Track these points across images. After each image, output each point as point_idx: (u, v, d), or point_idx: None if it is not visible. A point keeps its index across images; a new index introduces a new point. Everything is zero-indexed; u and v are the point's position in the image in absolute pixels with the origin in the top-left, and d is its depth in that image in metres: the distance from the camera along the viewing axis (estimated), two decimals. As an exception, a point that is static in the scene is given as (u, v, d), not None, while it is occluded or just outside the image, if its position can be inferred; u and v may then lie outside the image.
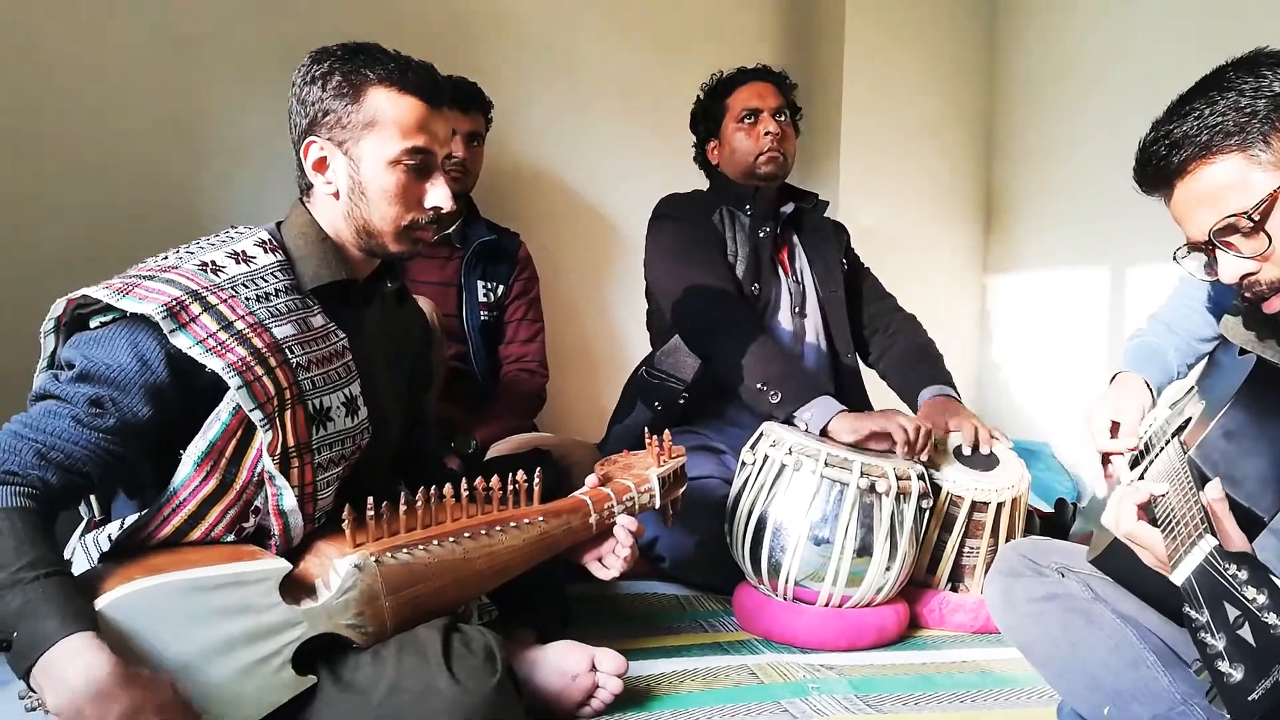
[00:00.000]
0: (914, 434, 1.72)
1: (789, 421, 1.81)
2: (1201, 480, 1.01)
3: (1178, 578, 0.85)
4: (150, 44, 2.21)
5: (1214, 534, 0.86)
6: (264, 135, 2.27)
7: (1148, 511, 1.03)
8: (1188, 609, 0.82)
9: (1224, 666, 0.77)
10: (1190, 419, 1.25)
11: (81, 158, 2.15)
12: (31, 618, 0.91)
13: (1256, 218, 0.99)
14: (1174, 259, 1.14)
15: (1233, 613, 0.78)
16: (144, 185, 2.20)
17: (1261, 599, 0.77)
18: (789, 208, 2.21)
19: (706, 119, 2.25)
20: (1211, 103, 1.01)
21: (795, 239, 2.24)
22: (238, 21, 2.29)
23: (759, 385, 1.84)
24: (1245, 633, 0.77)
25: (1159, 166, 1.06)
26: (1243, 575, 0.80)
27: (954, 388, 2.09)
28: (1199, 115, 1.02)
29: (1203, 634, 0.79)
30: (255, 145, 2.29)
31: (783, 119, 2.18)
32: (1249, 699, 0.74)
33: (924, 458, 1.75)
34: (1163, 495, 1.02)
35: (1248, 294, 1.05)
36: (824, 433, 1.76)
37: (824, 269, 2.22)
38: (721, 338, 1.96)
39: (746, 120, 2.16)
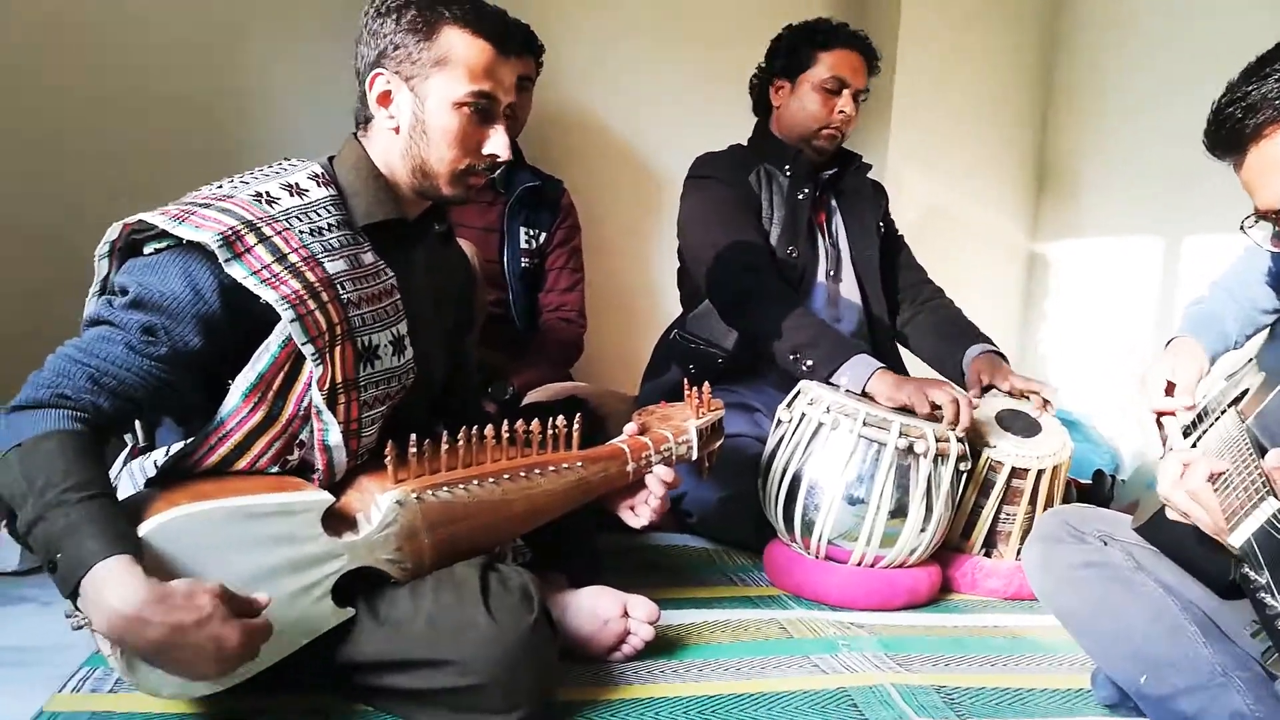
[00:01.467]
0: (956, 407, 1.68)
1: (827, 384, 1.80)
2: (1260, 449, 0.99)
3: (1237, 539, 0.84)
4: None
5: (1276, 497, 0.84)
6: (305, 77, 2.27)
7: None
8: (1247, 570, 0.81)
9: None
10: (1248, 390, 1.22)
11: (119, 100, 2.17)
12: (74, 539, 0.92)
13: None
14: (1241, 228, 1.11)
15: None
16: (181, 130, 2.23)
17: None
18: (831, 173, 2.16)
19: (789, 57, 2.11)
20: None
21: (833, 201, 2.19)
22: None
23: (791, 355, 1.83)
24: None
25: (1233, 129, 1.03)
26: None
27: (998, 349, 2.06)
28: (1279, 78, 0.98)
29: (1262, 594, 0.78)
30: (297, 87, 2.28)
31: (860, 100, 2.10)
32: None
33: (961, 432, 1.70)
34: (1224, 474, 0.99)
35: None
36: (863, 393, 1.75)
37: (859, 231, 2.18)
38: (753, 308, 1.93)
39: (829, 87, 2.06)
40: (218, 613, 0.93)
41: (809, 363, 1.80)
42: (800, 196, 2.09)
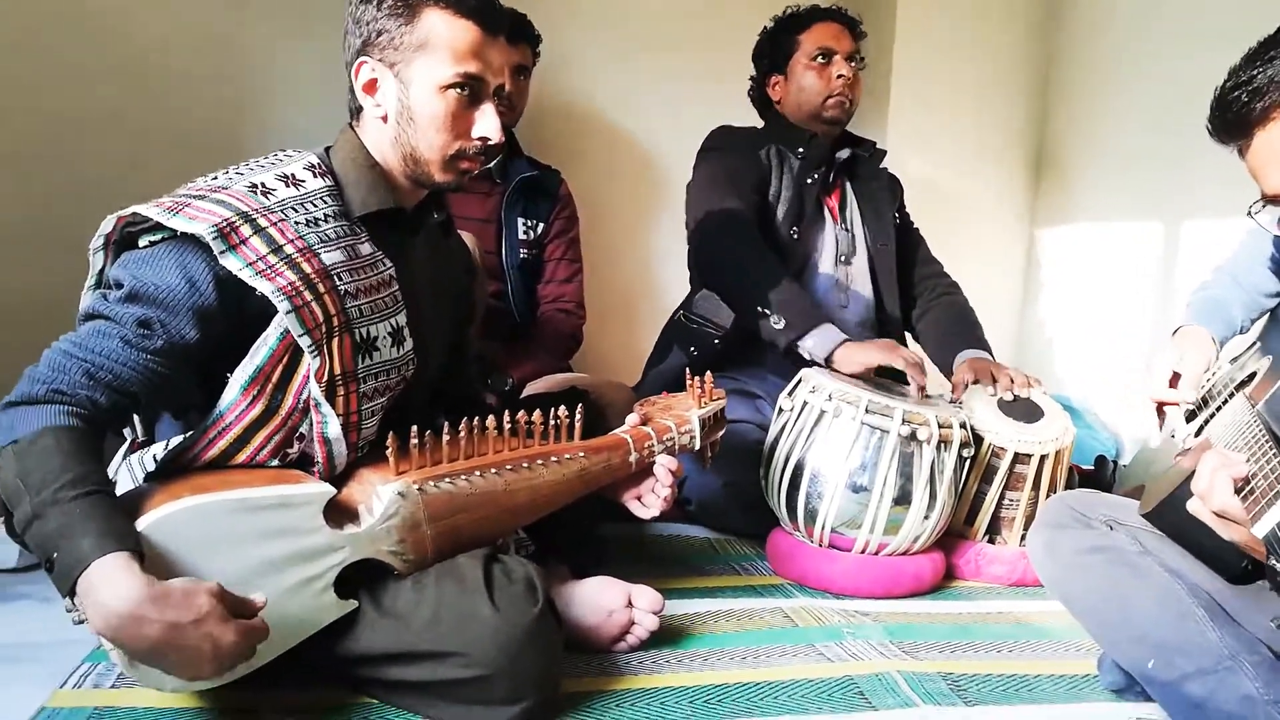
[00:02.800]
0: (918, 364, 1.74)
1: (791, 349, 1.80)
2: (1274, 436, 0.98)
3: (1260, 529, 0.82)
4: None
5: None
6: (310, 68, 2.25)
7: None
8: (1273, 561, 0.79)
9: None
10: (1255, 374, 1.21)
11: (124, 91, 2.15)
12: (70, 537, 0.91)
13: None
14: (1248, 213, 1.10)
15: None
16: (186, 120, 2.21)
17: None
18: (845, 153, 2.16)
19: (774, 51, 2.16)
20: None
21: (848, 186, 2.19)
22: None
23: (762, 309, 1.83)
24: None
25: (1240, 113, 1.01)
26: None
27: (990, 354, 2.05)
28: None
29: None
30: (301, 79, 2.27)
31: (855, 64, 2.11)
32: None
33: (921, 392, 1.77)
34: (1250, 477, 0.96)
35: None
36: (828, 362, 1.75)
37: (875, 220, 2.18)
38: (732, 263, 1.93)
39: (819, 60, 2.08)
40: (215, 612, 0.92)
41: (781, 321, 1.80)
42: (809, 181, 2.09)
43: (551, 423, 1.32)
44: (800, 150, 2.09)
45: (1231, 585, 1.16)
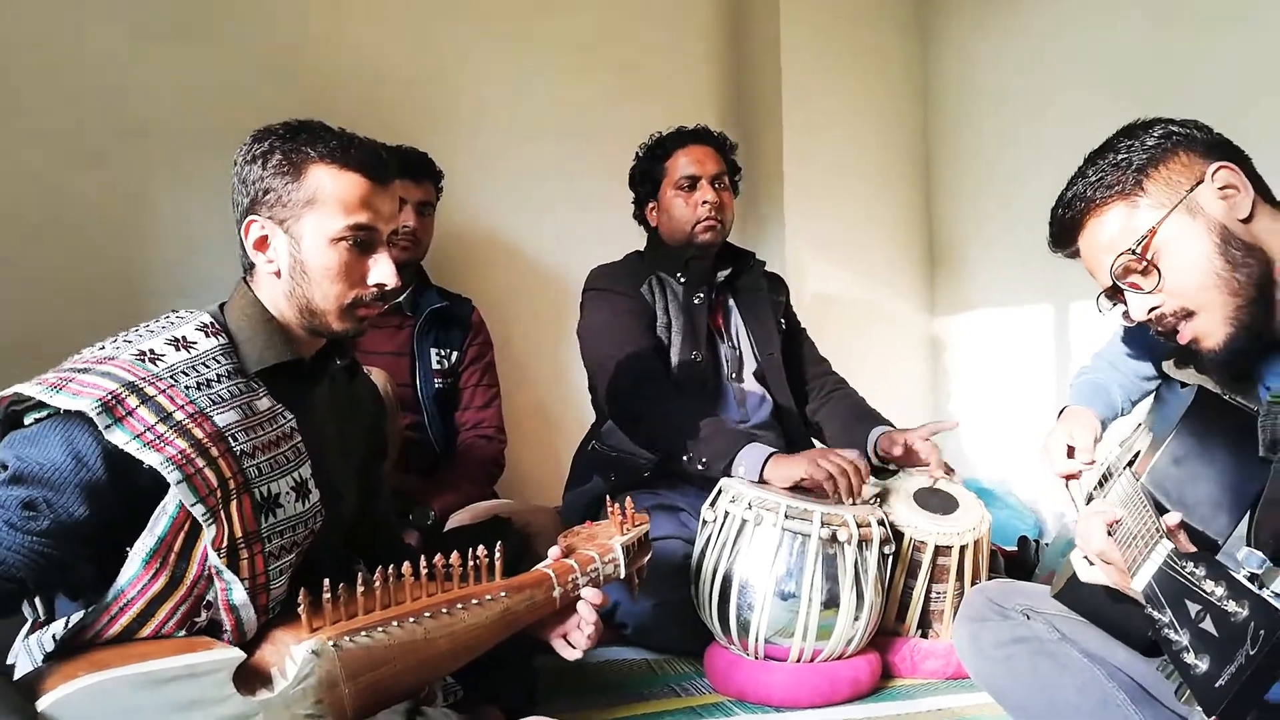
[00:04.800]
0: (846, 471, 1.73)
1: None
2: (1154, 503, 1.04)
3: (1139, 583, 0.89)
4: (96, 130, 2.19)
5: (1171, 540, 0.89)
6: (209, 216, 2.25)
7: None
8: (1151, 611, 0.86)
9: (1190, 659, 0.79)
10: (1140, 451, 1.27)
11: (24, 242, 2.11)
12: None
13: (1140, 251, 1.08)
14: (1098, 310, 1.21)
15: (1194, 608, 0.81)
16: (87, 270, 2.17)
17: (1220, 590, 0.80)
18: (724, 274, 2.21)
19: (645, 181, 2.23)
20: (1095, 165, 1.14)
21: (730, 301, 2.24)
22: (185, 104, 2.28)
23: (685, 457, 1.86)
24: (1207, 624, 0.79)
25: (1066, 223, 1.18)
26: (1200, 571, 0.83)
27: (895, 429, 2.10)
28: (1085, 177, 1.15)
29: (1167, 632, 0.83)
30: (200, 227, 2.27)
31: (721, 185, 2.16)
32: (1216, 685, 0.76)
33: (864, 495, 1.77)
34: (1119, 520, 1.05)
35: (1159, 328, 1.12)
36: (761, 480, 1.77)
37: (761, 332, 2.22)
38: (647, 417, 1.97)
39: (685, 187, 2.15)
40: None
41: (704, 460, 1.83)
42: (696, 301, 2.14)
43: (470, 563, 1.30)
44: (679, 275, 2.15)
45: (1149, 662, 1.19)
